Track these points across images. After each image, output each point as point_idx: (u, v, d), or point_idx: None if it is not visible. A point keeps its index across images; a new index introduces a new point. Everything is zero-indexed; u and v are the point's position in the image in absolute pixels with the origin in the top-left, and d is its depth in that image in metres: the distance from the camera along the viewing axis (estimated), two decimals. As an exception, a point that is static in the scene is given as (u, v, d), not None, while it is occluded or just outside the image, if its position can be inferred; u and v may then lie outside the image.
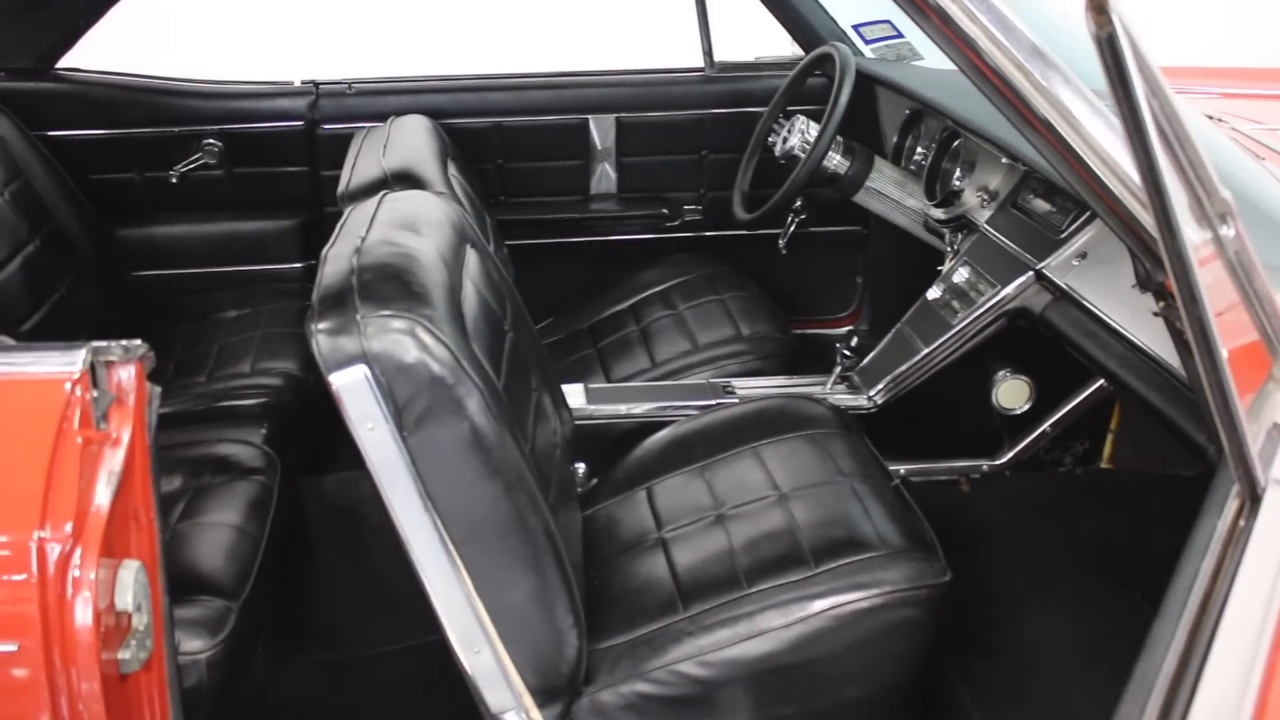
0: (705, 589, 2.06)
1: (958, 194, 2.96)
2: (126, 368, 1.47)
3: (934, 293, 2.87)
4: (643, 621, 2.03)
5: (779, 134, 3.27)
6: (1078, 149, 1.51)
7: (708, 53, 3.64)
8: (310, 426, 2.92)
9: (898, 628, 1.99)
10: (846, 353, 2.93)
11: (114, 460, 1.44)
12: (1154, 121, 1.15)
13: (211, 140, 3.55)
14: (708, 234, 3.73)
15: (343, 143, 3.02)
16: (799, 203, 3.33)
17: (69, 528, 1.35)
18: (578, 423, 2.53)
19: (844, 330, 3.83)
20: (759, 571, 2.06)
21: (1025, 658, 2.27)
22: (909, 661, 2.04)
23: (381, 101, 3.54)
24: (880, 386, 2.83)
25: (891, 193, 3.21)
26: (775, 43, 3.80)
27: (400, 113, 3.23)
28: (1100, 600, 2.35)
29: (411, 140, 2.85)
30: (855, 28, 3.57)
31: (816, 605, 1.96)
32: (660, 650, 1.97)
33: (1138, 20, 1.13)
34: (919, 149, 3.25)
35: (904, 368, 2.80)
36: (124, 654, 1.43)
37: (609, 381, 3.08)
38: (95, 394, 1.43)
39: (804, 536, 2.12)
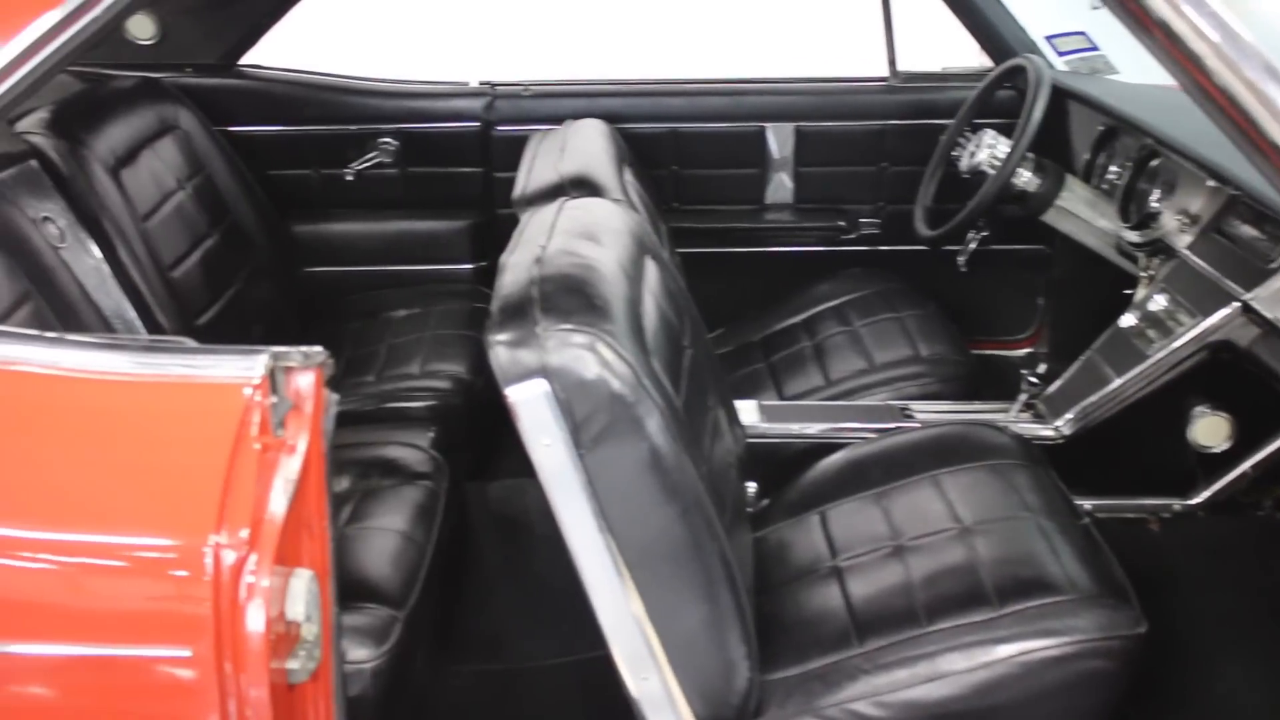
0: (882, 624, 1.98)
1: (1154, 216, 2.81)
2: (306, 374, 1.44)
3: (1128, 320, 2.72)
4: (816, 654, 1.96)
5: (964, 148, 3.16)
6: (1314, 178, 1.39)
7: (892, 62, 3.54)
8: (477, 431, 2.91)
9: (1087, 679, 1.88)
10: (1032, 379, 2.80)
11: (290, 467, 1.41)
12: None
13: (388, 139, 3.56)
14: (883, 248, 3.63)
15: (517, 145, 3.00)
16: (982, 219, 3.22)
17: (245, 534, 1.33)
18: (749, 440, 2.46)
19: (1022, 352, 3.69)
20: (939, 609, 1.97)
21: (1220, 716, 2.14)
22: (1096, 716, 1.93)
23: (556, 104, 3.52)
24: (1069, 416, 2.69)
25: (1082, 213, 3.07)
26: (961, 53, 3.69)
27: (575, 116, 3.20)
28: (1304, 657, 2.21)
29: (588, 145, 2.81)
30: (1048, 39, 3.45)
31: (1002, 650, 1.86)
32: (834, 687, 1.89)
33: None
34: (1112, 167, 3.11)
35: (1094, 398, 2.66)
36: (293, 664, 1.41)
37: (781, 398, 3.00)
38: (274, 400, 1.40)
39: (987, 574, 2.02)
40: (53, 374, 1.42)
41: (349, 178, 3.58)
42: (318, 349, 1.43)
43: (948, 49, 3.72)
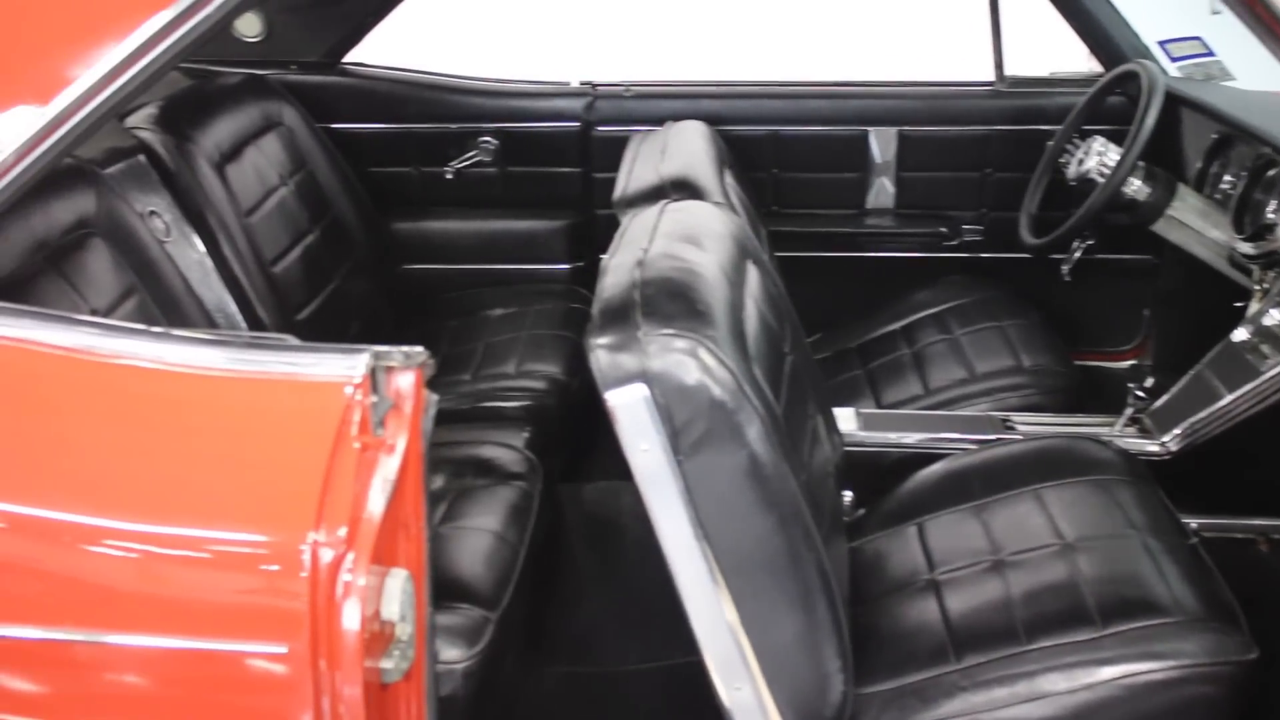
0: (980, 640, 1.94)
1: (1271, 228, 2.72)
2: (406, 374, 1.43)
3: (1240, 335, 2.64)
4: (912, 669, 1.93)
5: (1073, 155, 3.09)
6: None
7: (999, 66, 3.48)
8: (571, 432, 2.90)
9: (1193, 705, 1.83)
10: (1140, 393, 2.73)
11: (389, 467, 1.41)
12: None
13: (488, 138, 3.57)
14: (984, 256, 3.56)
15: (617, 145, 2.99)
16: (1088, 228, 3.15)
17: (342, 532, 1.33)
18: (846, 449, 2.43)
19: (1126, 365, 3.60)
20: (1040, 627, 1.93)
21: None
22: (1203, 745, 1.88)
23: (657, 105, 3.50)
24: (1176, 432, 2.61)
25: (1194, 223, 2.99)
26: (1070, 57, 3.62)
27: (676, 117, 3.18)
28: None
29: (689, 147, 2.79)
30: (1161, 44, 3.35)
31: (1105, 672, 1.82)
32: (930, 703, 1.86)
33: None
34: (1226, 177, 3.02)
35: (1203, 414, 2.58)
36: (386, 663, 1.41)
37: (879, 406, 2.96)
38: (375, 399, 1.40)
39: (1090, 592, 1.98)
40: (159, 369, 1.43)
41: (449, 176, 3.60)
42: (419, 349, 1.43)
43: (1056, 53, 3.66)
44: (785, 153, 3.52)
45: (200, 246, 2.73)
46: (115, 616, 1.38)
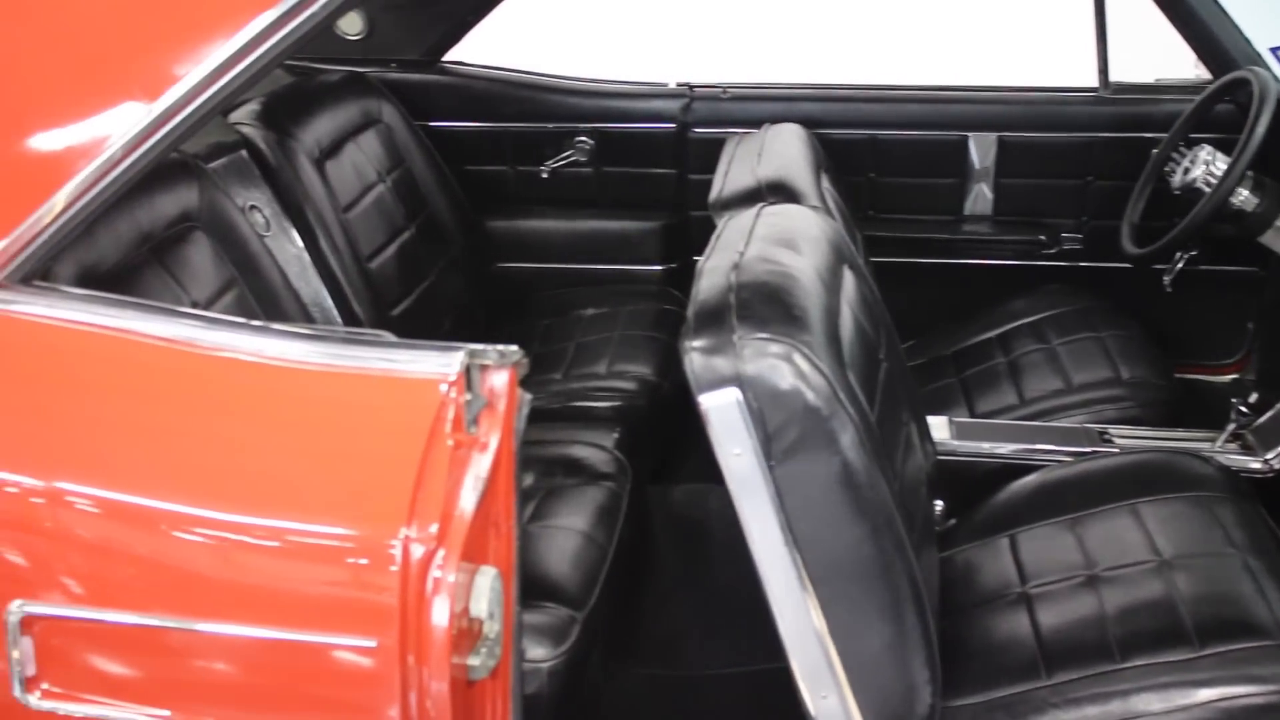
0: (1072, 656, 1.91)
1: (1385, 243, 2.66)
2: (500, 373, 1.44)
3: (1349, 351, 2.59)
4: (1001, 683, 1.90)
5: (1178, 163, 3.03)
6: None
7: (1103, 71, 3.42)
8: (660, 434, 2.89)
9: (1293, 731, 1.78)
10: (1243, 409, 2.67)
11: (481, 465, 1.42)
12: None
13: (584, 138, 3.58)
14: (1083, 265, 3.50)
15: (713, 147, 2.97)
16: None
17: (434, 529, 1.34)
18: (939, 458, 2.40)
19: (1228, 379, 3.53)
20: (1135, 645, 1.89)
21: None
22: (1302, 772, 1.83)
23: (755, 108, 3.48)
24: (1280, 449, 2.57)
25: (1303, 236, 2.92)
26: (1178, 63, 3.54)
27: (774, 120, 3.16)
28: None
29: (786, 150, 2.77)
30: (1274, 50, 3.27)
31: (1202, 694, 1.77)
32: (1019, 718, 1.83)
33: None
34: (1339, 187, 2.95)
35: (1309, 432, 2.54)
36: (474, 660, 1.42)
37: (972, 415, 2.92)
38: (469, 397, 1.41)
39: (1187, 612, 1.94)
40: (258, 362, 1.45)
41: (544, 175, 3.61)
42: (514, 348, 1.44)
43: (1163, 59, 3.59)
44: (883, 157, 3.48)
45: (299, 241, 2.77)
46: (208, 604, 1.40)
